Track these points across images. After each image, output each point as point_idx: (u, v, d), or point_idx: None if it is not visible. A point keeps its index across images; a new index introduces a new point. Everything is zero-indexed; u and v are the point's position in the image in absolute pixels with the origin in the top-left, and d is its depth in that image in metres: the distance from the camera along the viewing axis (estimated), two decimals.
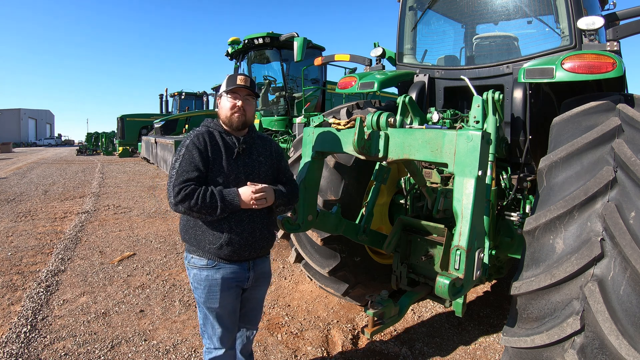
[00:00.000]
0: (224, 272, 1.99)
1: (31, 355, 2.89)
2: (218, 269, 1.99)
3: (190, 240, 2.00)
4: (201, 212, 1.84)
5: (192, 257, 2.02)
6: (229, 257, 1.98)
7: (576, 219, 1.77)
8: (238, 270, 2.03)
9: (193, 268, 2.02)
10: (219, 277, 1.99)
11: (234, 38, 8.53)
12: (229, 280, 2.01)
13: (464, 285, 1.73)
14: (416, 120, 2.75)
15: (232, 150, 1.99)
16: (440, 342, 3.14)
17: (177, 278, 4.40)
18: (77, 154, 27.37)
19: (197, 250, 1.99)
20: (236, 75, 2.01)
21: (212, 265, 1.98)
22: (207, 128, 2.03)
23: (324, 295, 3.94)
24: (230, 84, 2.00)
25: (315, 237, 2.98)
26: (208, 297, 2.01)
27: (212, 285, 1.99)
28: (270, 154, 2.17)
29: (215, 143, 1.96)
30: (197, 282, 2.02)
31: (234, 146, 2.01)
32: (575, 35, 2.73)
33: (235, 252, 1.97)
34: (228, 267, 2.00)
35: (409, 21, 3.68)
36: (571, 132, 2.12)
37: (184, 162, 1.88)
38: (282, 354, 2.94)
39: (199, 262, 1.99)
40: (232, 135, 2.03)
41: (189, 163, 1.87)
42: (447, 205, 2.94)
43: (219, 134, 2.01)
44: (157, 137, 12.82)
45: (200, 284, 2.01)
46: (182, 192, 1.80)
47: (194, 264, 2.02)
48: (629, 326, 1.52)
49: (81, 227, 6.55)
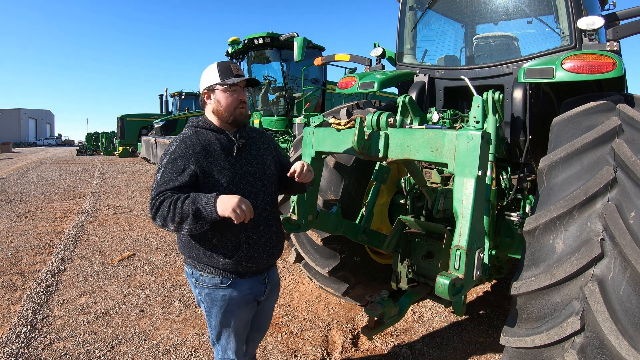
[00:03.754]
0: (241, 288, 1.80)
1: (31, 355, 2.89)
2: (234, 287, 1.78)
3: (198, 256, 1.76)
4: (175, 222, 1.57)
5: (200, 275, 1.78)
6: (248, 270, 1.79)
7: (576, 219, 1.77)
8: (255, 285, 1.86)
9: (204, 288, 1.79)
10: (237, 295, 1.79)
11: (234, 38, 8.53)
12: (246, 296, 1.84)
13: (464, 285, 1.73)
14: (416, 120, 2.75)
15: (231, 148, 1.79)
16: (440, 342, 3.14)
17: (177, 278, 4.40)
18: (77, 154, 27.39)
19: (207, 267, 1.76)
20: (228, 64, 1.80)
21: (228, 283, 1.77)
22: (194, 129, 1.81)
23: (324, 295, 3.94)
24: (228, 76, 1.78)
25: (315, 237, 2.98)
26: (225, 316, 1.82)
27: (229, 305, 1.80)
28: (269, 146, 2.02)
29: (209, 144, 1.75)
30: (210, 301, 1.81)
31: (231, 143, 1.80)
32: (575, 35, 2.73)
33: (254, 263, 1.79)
34: (245, 283, 1.81)
35: (409, 21, 3.67)
36: (571, 132, 2.12)
37: (166, 172, 1.67)
38: (282, 354, 2.94)
39: (211, 280, 1.77)
40: (226, 131, 1.83)
41: (171, 174, 1.66)
42: (447, 205, 2.94)
43: (210, 132, 1.80)
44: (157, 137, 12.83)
45: (216, 304, 1.80)
46: (157, 203, 1.60)
47: (204, 283, 1.78)
48: (629, 326, 1.52)
49: (81, 227, 6.55)
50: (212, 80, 1.79)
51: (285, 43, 7.69)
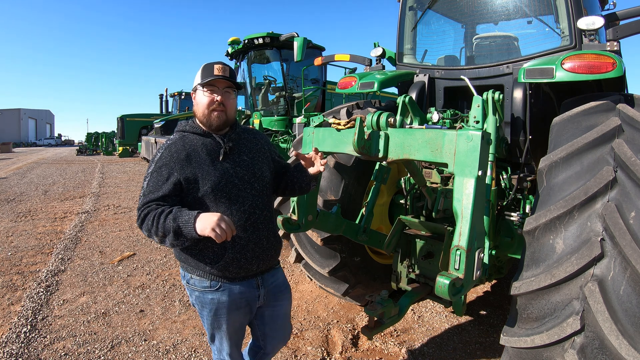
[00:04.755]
0: (230, 292, 1.77)
1: (31, 355, 2.89)
2: (224, 290, 1.76)
3: (187, 259, 1.76)
4: (158, 236, 1.58)
5: (191, 277, 1.78)
6: (235, 275, 1.76)
7: (576, 219, 1.77)
8: (246, 290, 1.81)
9: (194, 290, 1.79)
10: (226, 299, 1.77)
11: (234, 38, 8.54)
12: (237, 301, 1.80)
13: (464, 285, 1.73)
14: (416, 120, 2.75)
15: (217, 152, 1.74)
16: (440, 342, 3.14)
17: (177, 278, 4.40)
18: (77, 154, 27.39)
19: (196, 270, 1.75)
20: (212, 64, 1.73)
21: (217, 287, 1.75)
22: (181, 134, 1.78)
23: (324, 295, 3.94)
24: (206, 75, 1.71)
25: (315, 237, 2.98)
26: (215, 320, 1.81)
27: (218, 308, 1.78)
28: (262, 147, 1.93)
29: (194, 149, 1.71)
30: (200, 304, 1.81)
31: (218, 147, 1.75)
32: (575, 35, 2.73)
33: (242, 269, 1.76)
34: (235, 287, 1.78)
35: (409, 21, 3.67)
36: (571, 132, 2.12)
37: (151, 181, 1.67)
38: (282, 354, 2.94)
39: (200, 283, 1.76)
40: (214, 135, 1.77)
41: (156, 183, 1.66)
42: (447, 205, 2.94)
43: (197, 137, 1.76)
44: (157, 137, 12.83)
45: (205, 307, 1.79)
46: (142, 214, 1.61)
47: (194, 286, 1.78)
48: (629, 326, 1.52)
49: (81, 227, 6.55)
50: (196, 81, 1.77)
51: (285, 43, 7.69)
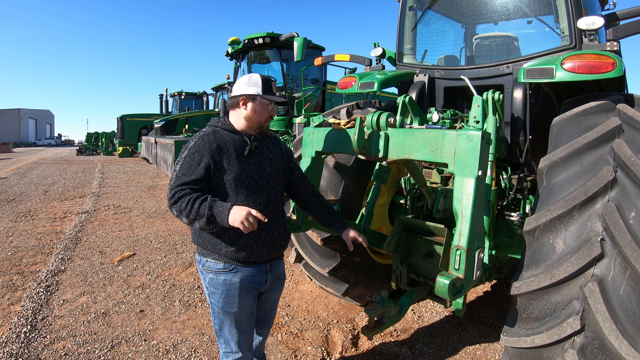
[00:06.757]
0: (242, 275, 1.95)
1: (31, 355, 2.89)
2: (236, 272, 1.94)
3: (204, 244, 1.95)
4: (189, 218, 1.79)
5: (207, 261, 1.96)
6: (247, 259, 1.94)
7: (576, 219, 1.77)
8: (256, 273, 1.99)
9: (209, 272, 1.96)
10: (237, 280, 1.94)
11: (234, 38, 8.55)
12: (248, 283, 1.97)
13: (464, 285, 1.73)
14: (416, 120, 2.75)
15: (243, 148, 1.96)
16: (440, 342, 3.14)
17: (177, 278, 4.40)
18: (77, 154, 27.37)
19: (212, 254, 1.94)
20: (270, 80, 2.00)
21: (230, 268, 1.93)
22: (213, 128, 2.00)
23: (324, 295, 3.94)
24: (268, 91, 1.98)
25: (315, 237, 2.98)
26: (226, 302, 1.96)
27: (230, 290, 1.94)
28: (281, 151, 2.16)
29: (224, 142, 1.93)
30: (213, 286, 1.96)
31: (244, 144, 1.97)
32: (575, 35, 2.73)
33: (253, 254, 1.94)
34: (246, 270, 1.96)
35: (409, 21, 3.68)
36: (571, 132, 2.12)
37: (185, 165, 1.86)
38: (282, 354, 2.94)
39: (215, 265, 1.94)
40: (243, 134, 2.00)
41: (189, 167, 1.85)
42: (447, 205, 2.94)
43: (227, 133, 1.98)
44: (157, 137, 12.82)
45: (218, 289, 1.95)
46: (176, 195, 1.79)
47: (209, 268, 1.96)
48: (629, 326, 1.52)
49: (81, 227, 6.55)
50: (253, 90, 1.97)
51: (285, 43, 7.70)
